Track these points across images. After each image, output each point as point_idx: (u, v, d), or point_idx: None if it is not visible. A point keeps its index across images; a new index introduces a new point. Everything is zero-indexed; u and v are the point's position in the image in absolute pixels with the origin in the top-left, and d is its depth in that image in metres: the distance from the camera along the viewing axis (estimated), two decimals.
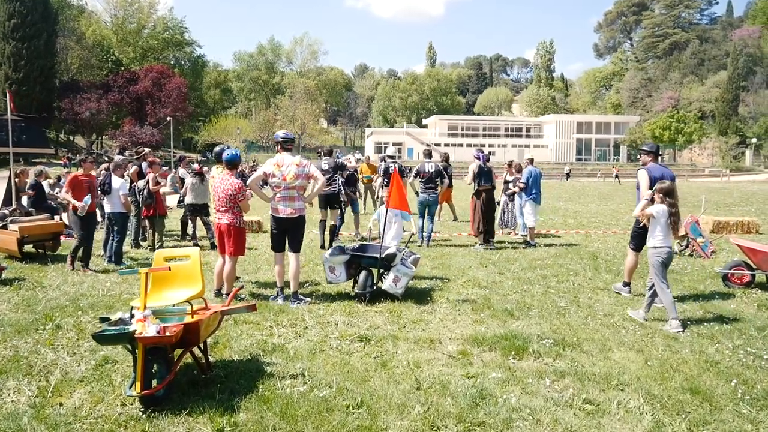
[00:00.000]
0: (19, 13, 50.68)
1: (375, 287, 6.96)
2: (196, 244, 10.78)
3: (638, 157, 7.97)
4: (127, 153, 16.32)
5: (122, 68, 65.32)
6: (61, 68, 60.79)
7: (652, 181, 6.59)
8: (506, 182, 13.11)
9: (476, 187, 11.03)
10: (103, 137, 67.44)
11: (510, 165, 13.24)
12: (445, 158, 14.71)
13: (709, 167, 67.79)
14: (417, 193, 11.81)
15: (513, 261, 9.72)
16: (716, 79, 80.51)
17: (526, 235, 12.16)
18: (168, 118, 56.79)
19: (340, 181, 10.91)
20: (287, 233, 6.89)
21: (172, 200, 14.62)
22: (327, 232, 11.06)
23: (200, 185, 11.01)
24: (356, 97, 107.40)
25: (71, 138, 69.32)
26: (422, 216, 11.88)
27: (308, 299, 6.97)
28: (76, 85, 58.13)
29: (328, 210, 11.07)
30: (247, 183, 7.07)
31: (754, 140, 68.18)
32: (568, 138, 77.68)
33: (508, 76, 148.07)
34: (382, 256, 6.93)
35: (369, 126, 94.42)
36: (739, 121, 74.10)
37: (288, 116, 72.78)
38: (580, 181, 51.56)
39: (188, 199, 11.16)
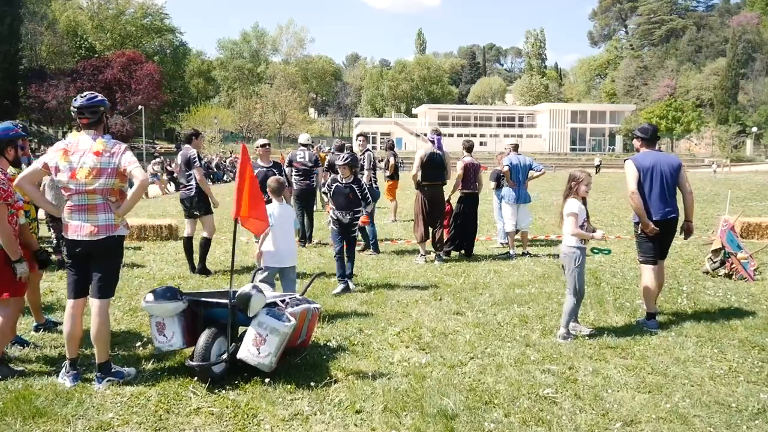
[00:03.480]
0: None
1: (227, 356, 4.05)
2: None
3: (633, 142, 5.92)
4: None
5: (95, 55, 62.09)
6: (30, 55, 57.53)
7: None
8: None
9: (420, 181, 8.33)
10: (74, 127, 64.41)
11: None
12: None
13: (708, 157, 65.05)
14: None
15: (482, 288, 6.88)
16: (714, 67, 78.00)
17: (505, 243, 9.55)
18: (139, 107, 53.75)
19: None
20: (87, 267, 4.02)
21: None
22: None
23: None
24: (346, 86, 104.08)
25: (40, 128, 66.24)
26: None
27: (128, 372, 4.14)
28: (42, 73, 54.98)
29: (196, 220, 7.75)
30: (15, 182, 4.18)
31: (754, 129, 65.47)
32: (562, 127, 74.98)
33: (502, 65, 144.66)
34: (233, 300, 4.09)
35: (357, 116, 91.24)
36: (739, 110, 71.54)
37: (269, 104, 69.76)
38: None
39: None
